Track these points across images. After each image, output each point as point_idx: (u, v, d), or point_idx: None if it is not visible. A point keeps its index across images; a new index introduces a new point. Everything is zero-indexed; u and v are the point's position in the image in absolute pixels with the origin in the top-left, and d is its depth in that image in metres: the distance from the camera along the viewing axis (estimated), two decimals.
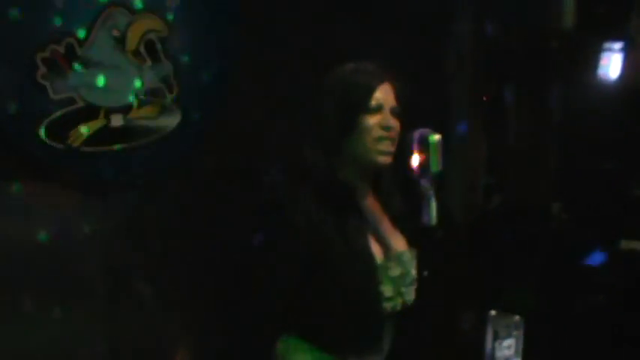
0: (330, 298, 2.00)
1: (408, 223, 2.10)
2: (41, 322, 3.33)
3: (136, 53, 3.37)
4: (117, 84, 3.35)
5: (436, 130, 2.08)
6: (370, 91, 2.03)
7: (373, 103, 2.02)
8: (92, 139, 3.31)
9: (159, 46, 3.43)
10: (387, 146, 2.03)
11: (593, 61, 5.64)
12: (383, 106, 2.04)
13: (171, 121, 3.53)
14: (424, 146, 2.00)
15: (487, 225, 5.28)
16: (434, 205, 2.00)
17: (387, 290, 2.04)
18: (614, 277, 5.09)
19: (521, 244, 5.19)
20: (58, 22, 3.14)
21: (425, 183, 2.01)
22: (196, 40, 3.58)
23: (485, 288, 4.72)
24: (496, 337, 3.41)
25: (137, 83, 3.41)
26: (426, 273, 2.17)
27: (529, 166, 5.68)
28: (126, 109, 3.39)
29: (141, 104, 3.43)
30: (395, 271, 2.06)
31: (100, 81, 3.30)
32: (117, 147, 3.39)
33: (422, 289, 2.20)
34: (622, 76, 5.68)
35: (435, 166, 2.00)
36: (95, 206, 3.46)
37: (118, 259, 3.54)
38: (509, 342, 3.63)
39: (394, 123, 2.04)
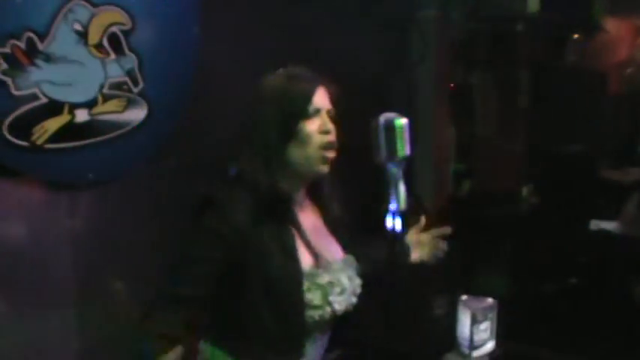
0: (255, 305, 2.02)
1: (346, 228, 2.19)
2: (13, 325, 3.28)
3: (100, 47, 3.32)
4: (80, 79, 3.29)
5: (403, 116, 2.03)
6: (308, 97, 2.07)
7: (311, 108, 2.06)
8: (57, 135, 3.25)
9: (122, 40, 3.39)
10: (329, 153, 2.09)
11: (559, 45, 5.68)
12: (320, 110, 2.09)
13: (138, 114, 3.49)
14: (390, 131, 1.97)
15: (457, 210, 5.30)
16: (402, 190, 1.99)
17: (314, 298, 2.05)
18: (584, 258, 5.14)
19: (492, 228, 5.22)
20: (17, 16, 3.07)
21: (392, 168, 1.99)
22: (161, 32, 3.54)
23: (457, 273, 4.74)
24: (474, 320, 3.43)
25: (101, 77, 3.35)
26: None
27: (498, 151, 5.72)
28: (91, 104, 3.33)
29: (106, 99, 3.37)
30: (323, 279, 2.08)
31: (63, 76, 3.24)
32: (83, 143, 3.34)
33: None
34: (587, 60, 5.74)
35: (402, 151, 1.98)
36: (63, 204, 3.39)
37: (86, 258, 3.48)
38: (485, 325, 3.66)
39: (332, 126, 2.10)
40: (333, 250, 2.20)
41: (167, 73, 3.56)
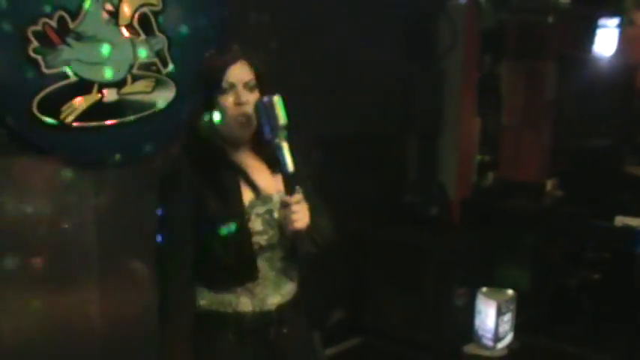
0: (206, 241, 2.34)
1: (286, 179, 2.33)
2: (38, 300, 3.32)
3: (130, 27, 3.33)
4: (110, 58, 3.30)
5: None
6: (221, 74, 2.34)
7: (225, 84, 2.33)
8: (86, 114, 3.27)
9: (153, 20, 3.39)
10: (243, 120, 2.34)
11: (588, 37, 5.63)
12: (235, 84, 2.34)
13: (166, 95, 3.50)
14: (267, 110, 2.27)
15: (481, 201, 5.29)
16: (286, 154, 2.27)
17: (256, 225, 2.36)
18: (607, 253, 5.11)
19: (514, 220, 5.20)
20: None
21: (274, 139, 2.27)
22: (191, 13, 3.53)
23: (477, 264, 4.74)
24: (499, 312, 3.43)
25: (131, 58, 3.36)
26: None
27: (523, 142, 5.69)
28: (120, 84, 3.35)
29: (135, 79, 3.39)
30: (261, 209, 2.38)
31: (93, 55, 3.25)
32: (111, 122, 3.36)
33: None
34: (617, 53, 5.68)
35: (280, 121, 2.27)
36: (88, 182, 3.42)
37: (110, 236, 3.51)
38: (508, 317, 3.66)
39: (247, 97, 2.34)
40: (271, 186, 2.44)
41: (196, 55, 3.55)
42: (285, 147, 2.28)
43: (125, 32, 3.33)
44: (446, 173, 5.15)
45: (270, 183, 2.45)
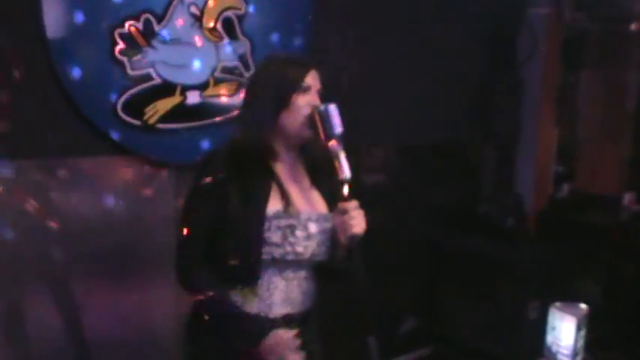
0: (219, 239, 2.35)
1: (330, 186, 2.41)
2: (115, 295, 3.38)
3: (214, 31, 3.38)
4: (194, 61, 3.35)
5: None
6: (302, 74, 2.39)
7: (304, 84, 2.38)
8: (168, 115, 3.32)
9: (236, 24, 3.43)
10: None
11: None
12: (311, 87, 2.40)
13: None
14: (325, 117, 2.32)
15: (557, 213, 5.20)
16: (344, 160, 2.31)
17: (274, 236, 2.35)
18: None
19: (591, 233, 5.11)
20: None
21: (332, 146, 2.31)
22: (274, 18, 3.57)
23: (553, 277, 4.66)
24: (579, 328, 3.36)
25: (214, 61, 3.41)
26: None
27: (601, 154, 5.58)
28: (202, 87, 3.40)
29: (217, 82, 3.43)
30: (283, 223, 2.36)
31: (177, 58, 3.30)
32: (192, 124, 3.41)
33: None
34: None
35: (338, 129, 2.32)
36: (169, 183, 3.45)
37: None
38: (583, 332, 3.57)
39: (318, 102, 2.38)
40: (312, 205, 2.47)
41: None
42: (343, 153, 2.31)
43: (209, 35, 3.37)
44: (522, 184, 5.08)
45: (302, 198, 2.46)
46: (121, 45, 3.14)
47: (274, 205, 2.37)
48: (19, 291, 3.14)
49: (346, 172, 2.30)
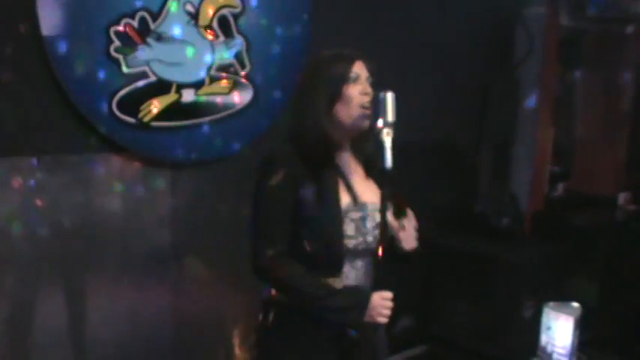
0: (298, 236, 2.41)
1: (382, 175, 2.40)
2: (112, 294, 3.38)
3: (209, 29, 3.37)
4: (189, 59, 3.35)
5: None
6: (350, 65, 2.45)
7: (352, 74, 2.44)
8: (163, 113, 3.32)
9: (232, 22, 3.43)
10: (367, 109, 2.42)
11: None
12: (360, 76, 2.46)
13: (243, 97, 3.55)
14: (380, 104, 2.35)
15: (552, 213, 5.21)
16: (388, 150, 2.32)
17: (348, 229, 2.43)
18: None
19: (586, 233, 5.11)
20: None
21: (383, 134, 2.34)
22: (270, 17, 3.57)
23: (549, 277, 4.66)
24: (576, 327, 3.36)
25: (209, 59, 3.41)
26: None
27: (597, 155, 5.59)
28: (198, 85, 3.39)
29: (213, 80, 3.43)
30: (355, 215, 2.45)
31: (173, 56, 3.30)
32: (187, 122, 3.40)
33: None
34: None
35: (389, 118, 2.34)
36: (164, 181, 3.45)
37: (183, 234, 3.54)
38: (578, 332, 3.57)
39: (370, 90, 2.45)
40: (367, 193, 2.53)
41: (274, 57, 3.60)
42: (389, 144, 2.32)
43: (205, 33, 3.36)
44: (518, 184, 5.08)
45: (364, 189, 2.52)
46: (116, 43, 3.14)
47: (345, 198, 2.45)
48: (17, 288, 3.14)
49: (388, 162, 2.32)
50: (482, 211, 4.87)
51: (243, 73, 3.51)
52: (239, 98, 3.54)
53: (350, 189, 2.47)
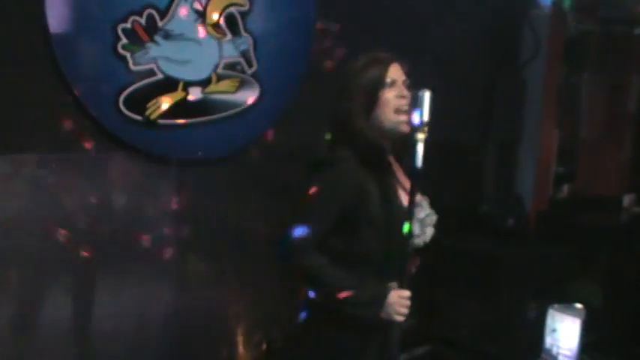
0: (371, 239, 2.43)
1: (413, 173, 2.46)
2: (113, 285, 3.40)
3: (217, 27, 3.37)
4: (196, 57, 3.35)
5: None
6: (385, 70, 2.49)
7: (388, 79, 2.48)
8: (170, 111, 3.32)
9: (239, 20, 3.43)
10: (405, 113, 2.46)
11: None
12: (396, 80, 2.50)
13: (250, 96, 3.55)
14: (416, 102, 2.41)
15: (557, 214, 5.20)
16: (421, 150, 2.39)
17: (416, 229, 2.48)
18: None
19: (591, 235, 5.10)
20: None
21: (417, 133, 2.40)
22: (277, 15, 3.57)
23: (553, 278, 4.65)
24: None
25: (216, 57, 3.41)
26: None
27: (602, 156, 5.58)
28: (204, 83, 3.40)
29: (220, 78, 3.43)
30: (421, 214, 2.54)
31: (180, 54, 3.30)
32: (194, 120, 3.40)
33: None
34: None
35: (424, 117, 2.40)
36: (170, 179, 3.46)
37: (189, 232, 3.54)
38: (582, 333, 3.57)
39: (407, 93, 2.49)
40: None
41: (281, 56, 3.60)
42: (421, 143, 2.38)
43: (212, 31, 3.37)
44: (523, 185, 5.08)
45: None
46: (123, 40, 3.14)
47: (404, 198, 2.49)
48: (20, 285, 3.15)
49: (418, 160, 2.39)
50: (487, 211, 4.87)
51: (250, 71, 3.51)
52: (246, 96, 3.54)
53: (404, 188, 2.52)
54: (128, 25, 3.15)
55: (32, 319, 3.19)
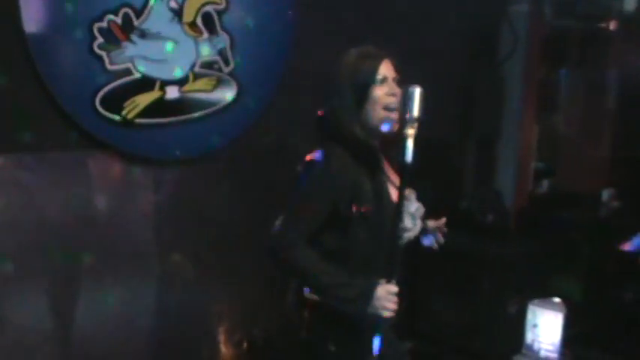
0: (355, 235, 2.43)
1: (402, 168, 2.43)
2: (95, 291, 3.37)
3: (193, 25, 3.36)
4: (173, 56, 3.34)
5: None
6: (376, 66, 2.49)
7: (379, 76, 2.47)
8: (147, 110, 3.31)
9: (216, 19, 3.42)
10: (394, 115, 2.46)
11: None
12: (387, 77, 2.50)
13: (227, 94, 3.54)
14: (407, 98, 2.38)
15: (537, 210, 5.21)
16: (410, 145, 2.37)
17: (408, 223, 2.53)
18: None
19: (570, 230, 5.12)
20: None
21: (407, 128, 2.37)
22: (254, 14, 3.56)
23: (533, 273, 4.67)
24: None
25: (193, 56, 3.40)
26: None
27: (581, 151, 5.60)
28: (182, 82, 3.39)
29: (197, 77, 3.42)
30: (412, 207, 2.58)
31: (157, 53, 3.29)
32: (172, 119, 3.39)
33: None
34: None
35: (415, 113, 2.38)
36: (148, 178, 3.45)
37: (168, 231, 3.53)
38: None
39: (398, 90, 2.48)
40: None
41: (258, 54, 3.59)
42: (411, 138, 2.37)
43: (188, 30, 3.36)
44: (503, 181, 5.09)
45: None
46: (99, 39, 3.13)
47: (394, 193, 2.47)
48: None
49: (409, 155, 2.37)
50: (468, 207, 4.87)
51: (227, 69, 3.50)
52: (223, 95, 3.53)
53: (393, 183, 2.52)
54: (104, 24, 3.14)
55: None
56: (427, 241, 2.88)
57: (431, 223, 2.88)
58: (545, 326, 3.51)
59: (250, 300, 3.78)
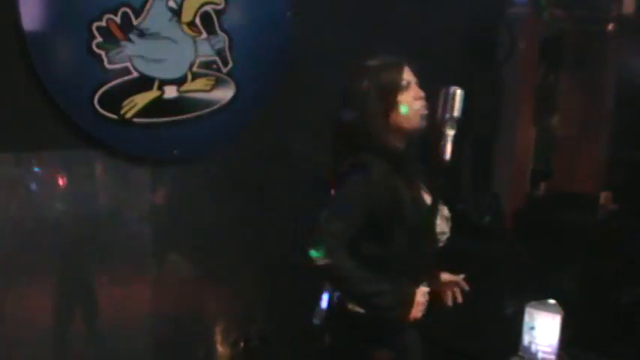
0: (401, 240, 2.44)
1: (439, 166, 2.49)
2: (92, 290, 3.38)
3: (192, 25, 3.37)
4: (172, 56, 3.34)
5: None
6: (399, 73, 2.53)
7: (404, 82, 2.51)
8: (145, 110, 3.31)
9: (215, 19, 3.42)
10: (424, 112, 2.52)
11: None
12: (410, 82, 2.54)
13: (225, 94, 3.53)
14: (448, 98, 2.44)
15: (534, 212, 5.22)
16: (449, 144, 2.42)
17: (443, 226, 2.58)
18: None
19: (567, 232, 5.12)
20: None
21: (447, 127, 2.42)
22: (253, 14, 3.56)
23: (530, 275, 4.67)
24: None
25: (192, 55, 3.40)
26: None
27: (578, 153, 5.60)
28: (180, 81, 3.39)
29: (195, 77, 3.42)
30: (445, 212, 2.61)
31: (155, 52, 3.29)
32: (170, 119, 3.40)
33: None
34: None
35: (455, 113, 2.44)
36: (146, 178, 3.45)
37: (164, 231, 3.53)
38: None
39: (423, 93, 2.55)
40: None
41: (257, 55, 3.59)
42: (451, 137, 2.41)
43: (187, 30, 3.36)
44: (500, 182, 5.09)
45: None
46: (98, 38, 3.13)
47: (427, 197, 2.56)
48: None
49: (447, 154, 2.42)
50: (464, 209, 4.87)
51: (225, 69, 3.50)
52: (221, 95, 3.52)
53: (425, 188, 2.57)
54: (103, 24, 3.14)
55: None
56: None
57: (445, 277, 2.87)
58: (543, 328, 3.50)
59: (247, 300, 3.78)
